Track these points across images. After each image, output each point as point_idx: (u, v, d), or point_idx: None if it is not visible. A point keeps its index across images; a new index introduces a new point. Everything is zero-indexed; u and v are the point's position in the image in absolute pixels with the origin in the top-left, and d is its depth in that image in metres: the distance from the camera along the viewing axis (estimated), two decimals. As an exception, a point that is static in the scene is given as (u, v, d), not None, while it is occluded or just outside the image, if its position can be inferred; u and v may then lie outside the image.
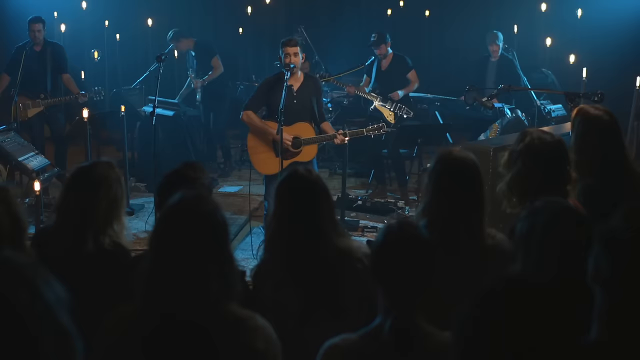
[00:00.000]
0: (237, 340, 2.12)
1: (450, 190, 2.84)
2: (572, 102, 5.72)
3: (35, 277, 1.43)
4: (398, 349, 2.11)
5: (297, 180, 2.81)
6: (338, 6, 11.83)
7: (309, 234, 2.75)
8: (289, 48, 6.06)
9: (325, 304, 2.75)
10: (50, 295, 1.42)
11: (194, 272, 2.11)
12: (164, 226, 2.19)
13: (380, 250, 2.20)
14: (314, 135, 6.10)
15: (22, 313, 1.37)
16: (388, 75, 8.40)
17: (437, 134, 7.91)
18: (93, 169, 2.99)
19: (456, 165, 2.87)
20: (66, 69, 8.35)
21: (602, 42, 9.83)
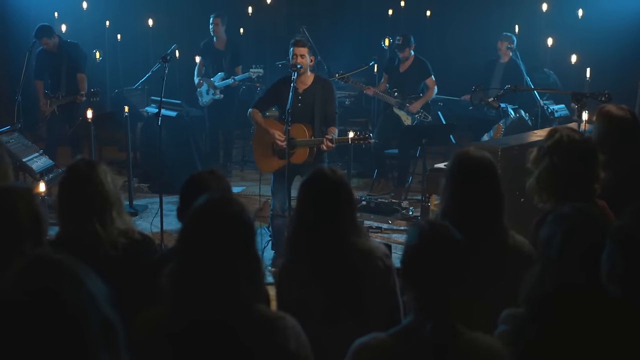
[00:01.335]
0: (270, 341, 2.13)
1: (469, 190, 2.85)
2: (579, 103, 5.74)
3: (77, 269, 1.43)
4: (435, 349, 2.10)
5: (321, 179, 2.82)
6: (339, 6, 11.82)
7: (330, 234, 2.76)
8: (297, 49, 6.08)
9: (348, 303, 2.76)
10: (93, 287, 1.42)
11: (223, 273, 2.11)
12: (192, 228, 2.18)
13: (413, 251, 2.20)
14: (307, 137, 6.07)
15: (69, 304, 1.37)
16: (406, 78, 8.44)
17: (441, 134, 7.92)
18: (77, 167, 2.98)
19: (474, 165, 2.87)
20: (81, 69, 8.47)
21: (603, 42, 9.83)
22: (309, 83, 6.13)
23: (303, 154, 6.04)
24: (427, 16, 11.49)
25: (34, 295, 1.38)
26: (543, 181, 3.15)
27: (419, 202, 7.64)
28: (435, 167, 6.10)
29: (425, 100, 8.42)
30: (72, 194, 2.92)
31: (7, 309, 1.38)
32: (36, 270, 1.43)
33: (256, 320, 2.13)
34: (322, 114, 6.06)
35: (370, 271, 2.78)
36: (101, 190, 2.91)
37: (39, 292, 1.38)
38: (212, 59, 9.19)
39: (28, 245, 2.25)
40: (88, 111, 7.08)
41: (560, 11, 10.59)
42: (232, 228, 2.14)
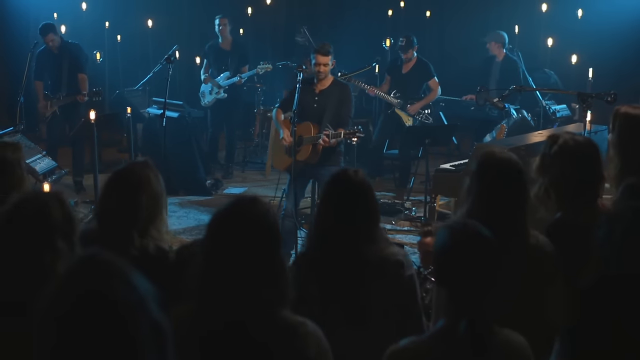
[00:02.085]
0: (290, 347, 2.12)
1: (496, 190, 2.83)
2: (584, 103, 5.74)
3: (127, 270, 1.43)
4: (474, 349, 2.10)
5: (343, 180, 2.82)
6: (338, 6, 11.83)
7: (345, 236, 2.75)
8: (321, 57, 6.09)
9: (345, 307, 2.75)
10: (143, 288, 1.42)
11: (249, 277, 2.10)
12: (217, 230, 2.18)
13: (446, 252, 2.20)
14: (311, 135, 6.13)
15: (120, 305, 1.37)
16: (408, 79, 8.45)
17: (444, 135, 7.93)
18: (132, 170, 2.98)
19: (501, 165, 2.86)
20: (82, 69, 8.46)
21: (603, 42, 9.85)
22: (326, 85, 6.19)
23: (306, 151, 6.13)
24: (426, 17, 11.49)
25: (85, 297, 1.38)
26: (553, 188, 3.12)
27: (421, 202, 7.65)
28: (441, 168, 6.10)
29: (426, 101, 8.43)
30: (114, 191, 2.91)
31: (59, 311, 1.37)
32: (87, 272, 1.43)
33: (278, 325, 2.12)
34: (333, 114, 6.10)
35: (381, 280, 2.76)
36: (152, 192, 2.93)
37: (90, 294, 1.38)
38: (217, 59, 9.17)
39: (60, 242, 2.25)
40: (91, 112, 7.05)
41: (560, 11, 10.61)
42: (258, 230, 2.14)
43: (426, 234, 3.79)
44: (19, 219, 2.26)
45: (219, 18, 9.10)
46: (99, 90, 8.34)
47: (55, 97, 8.31)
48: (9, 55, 10.62)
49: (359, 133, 5.88)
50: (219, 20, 9.08)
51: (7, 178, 3.10)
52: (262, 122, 10.28)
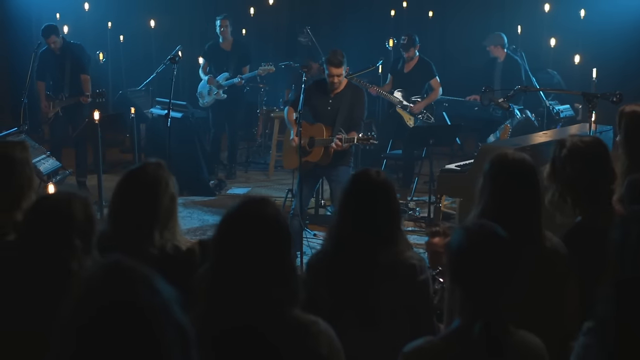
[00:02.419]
0: (302, 346, 2.12)
1: (510, 191, 2.83)
2: (590, 103, 5.73)
3: (148, 275, 1.43)
4: (489, 350, 2.10)
5: (364, 181, 2.81)
6: (341, 7, 11.82)
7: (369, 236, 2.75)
8: (334, 69, 6.10)
9: (356, 307, 2.75)
10: (167, 293, 1.42)
11: (260, 277, 2.10)
12: (228, 230, 2.17)
13: (462, 252, 2.19)
14: (323, 137, 6.16)
15: (145, 311, 1.36)
16: (410, 78, 8.44)
17: (448, 135, 7.92)
18: (146, 171, 2.97)
19: (515, 167, 2.86)
20: (85, 70, 8.46)
21: (606, 42, 9.85)
22: (340, 88, 6.22)
23: (318, 153, 6.16)
24: (429, 17, 11.49)
25: (110, 303, 1.37)
26: (567, 192, 3.10)
27: (425, 203, 7.64)
28: (446, 168, 6.10)
29: (428, 101, 8.42)
30: (128, 192, 2.91)
31: (82, 320, 1.37)
32: (110, 280, 1.42)
33: (289, 325, 2.12)
34: (346, 117, 6.14)
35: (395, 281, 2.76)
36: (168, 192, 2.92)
37: (114, 303, 1.38)
38: (218, 60, 9.15)
39: (78, 241, 2.25)
40: (95, 113, 7.05)
41: (562, 12, 10.60)
42: (268, 231, 2.14)
43: (434, 234, 3.80)
44: (41, 213, 2.28)
45: (220, 19, 9.08)
46: (102, 91, 8.35)
47: (57, 98, 8.31)
48: (11, 56, 10.61)
49: (372, 140, 5.91)
50: (220, 22, 9.06)
51: (16, 177, 3.09)
52: (265, 123, 10.28)
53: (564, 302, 2.88)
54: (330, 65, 6.06)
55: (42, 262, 2.23)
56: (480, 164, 5.55)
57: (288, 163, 6.74)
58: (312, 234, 6.86)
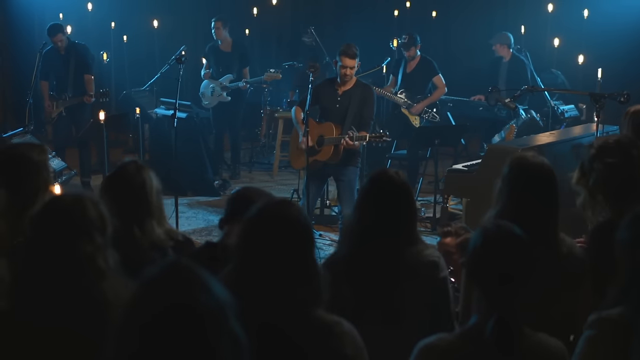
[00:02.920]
0: (326, 347, 2.13)
1: (528, 195, 2.84)
2: (597, 103, 5.73)
3: (206, 278, 1.43)
4: (501, 349, 2.10)
5: (384, 180, 2.82)
6: (344, 7, 11.82)
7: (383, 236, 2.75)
8: (348, 60, 6.07)
9: (381, 307, 2.75)
10: (222, 296, 1.42)
11: (284, 278, 2.11)
12: (251, 231, 2.18)
13: (479, 251, 2.20)
14: (333, 136, 6.15)
15: (204, 317, 1.37)
16: (412, 78, 8.43)
17: (453, 135, 7.92)
18: (125, 170, 3.02)
19: (534, 170, 2.88)
20: (89, 70, 8.45)
21: (610, 42, 9.85)
22: (350, 86, 6.21)
23: (327, 152, 6.15)
24: (432, 17, 11.49)
25: (170, 308, 1.38)
26: (599, 192, 3.11)
27: (430, 204, 7.64)
28: (453, 168, 6.10)
29: (430, 100, 8.39)
30: (117, 194, 2.92)
31: (143, 320, 1.37)
32: (172, 282, 1.43)
33: (313, 325, 2.13)
34: (356, 115, 6.13)
35: (416, 280, 2.77)
36: (146, 195, 2.95)
37: (174, 306, 1.38)
38: (218, 61, 9.13)
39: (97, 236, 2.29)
40: (100, 113, 7.06)
41: (565, 12, 10.61)
42: (292, 232, 2.14)
43: (446, 234, 3.81)
44: (56, 213, 2.28)
45: (214, 21, 9.05)
46: (106, 91, 8.34)
47: (61, 98, 8.30)
48: (14, 56, 10.60)
49: (385, 137, 5.91)
50: (213, 23, 9.04)
51: (33, 179, 3.08)
52: (269, 123, 10.28)
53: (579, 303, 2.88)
54: (345, 56, 6.04)
55: (62, 261, 2.22)
56: (488, 164, 5.59)
57: (296, 162, 6.73)
58: (318, 234, 6.86)
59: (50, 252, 2.22)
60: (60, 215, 2.29)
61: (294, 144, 6.61)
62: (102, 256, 2.27)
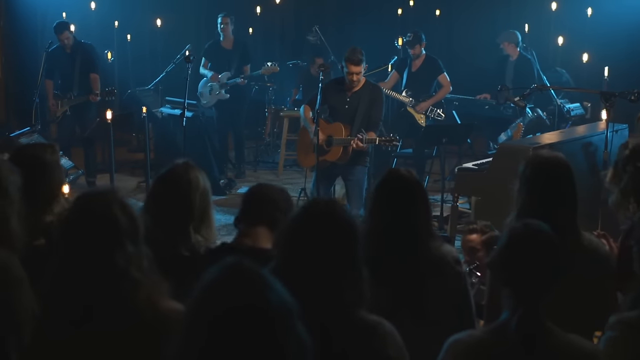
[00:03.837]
0: (369, 348, 2.12)
1: (546, 191, 2.84)
2: (608, 102, 5.74)
3: (271, 279, 1.42)
4: (525, 346, 2.10)
5: (397, 179, 2.82)
6: (347, 5, 11.81)
7: (402, 235, 2.75)
8: (353, 67, 6.07)
9: (410, 305, 2.74)
10: (288, 299, 1.41)
11: (331, 278, 2.09)
12: (298, 231, 2.16)
13: (507, 249, 2.20)
14: (342, 137, 6.14)
15: (274, 316, 1.36)
16: (417, 77, 8.41)
17: (461, 133, 7.91)
18: (176, 172, 2.97)
19: (551, 167, 2.88)
20: (95, 69, 8.45)
21: (613, 41, 9.85)
22: (359, 86, 6.20)
23: (336, 152, 6.14)
24: (436, 15, 11.48)
25: (238, 308, 1.37)
26: (632, 190, 3.13)
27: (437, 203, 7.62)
28: (463, 167, 6.09)
29: (435, 99, 8.38)
30: (161, 195, 2.91)
31: (211, 317, 1.37)
32: (239, 283, 1.42)
33: (357, 326, 2.12)
34: (365, 116, 6.13)
35: (440, 277, 2.78)
36: (188, 197, 2.92)
37: (244, 307, 1.38)
38: (219, 58, 9.11)
39: (128, 244, 2.22)
40: (107, 112, 7.04)
41: (569, 10, 10.61)
42: (341, 231, 2.13)
43: (471, 231, 3.88)
44: (86, 221, 2.23)
45: (222, 16, 9.03)
46: (112, 90, 8.34)
47: (65, 97, 8.30)
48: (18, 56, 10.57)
49: (395, 141, 5.91)
50: (221, 19, 9.02)
51: (46, 180, 3.06)
52: (273, 122, 10.27)
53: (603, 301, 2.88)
54: (350, 64, 6.04)
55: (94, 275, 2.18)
56: (499, 163, 5.58)
57: (304, 161, 6.75)
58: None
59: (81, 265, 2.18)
60: (91, 227, 2.20)
61: (302, 142, 6.61)
62: (136, 264, 2.20)
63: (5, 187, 2.64)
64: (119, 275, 2.15)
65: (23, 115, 9.45)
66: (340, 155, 6.09)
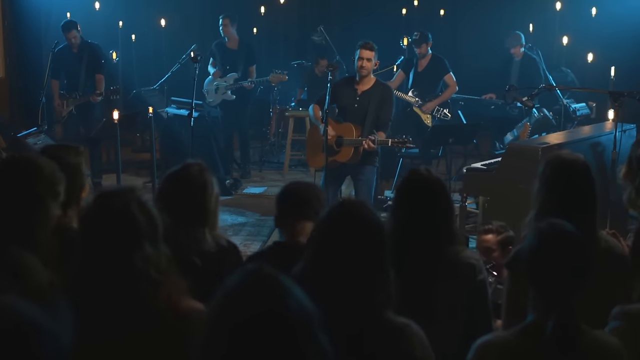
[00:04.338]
0: (397, 349, 2.12)
1: (566, 192, 2.84)
2: (617, 102, 5.74)
3: (292, 286, 1.42)
4: (560, 348, 2.10)
5: (418, 179, 2.81)
6: (352, 5, 11.80)
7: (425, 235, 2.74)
8: (364, 51, 6.03)
9: (418, 305, 2.73)
10: (309, 306, 1.41)
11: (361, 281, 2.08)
12: (328, 233, 2.15)
13: (539, 250, 2.19)
14: (353, 137, 6.11)
15: (295, 323, 1.35)
16: (424, 77, 8.41)
17: (468, 133, 7.91)
18: (191, 173, 2.96)
19: (571, 167, 2.88)
20: (100, 70, 8.45)
21: (617, 41, 9.85)
22: (369, 86, 6.15)
23: (347, 153, 6.10)
24: (440, 15, 11.48)
25: (259, 314, 1.37)
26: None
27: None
28: (472, 167, 6.08)
29: (441, 99, 8.38)
30: (175, 195, 2.90)
31: (232, 324, 1.36)
32: (260, 290, 1.41)
33: (385, 328, 2.12)
34: (375, 116, 6.08)
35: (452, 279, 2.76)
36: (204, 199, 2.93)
37: (265, 314, 1.37)
38: (224, 58, 9.11)
39: (147, 245, 2.20)
40: (114, 112, 7.04)
41: (573, 10, 10.62)
42: (371, 233, 2.12)
43: (487, 231, 3.89)
44: (105, 220, 2.21)
45: (222, 18, 9.04)
46: (116, 89, 8.34)
47: (71, 97, 8.30)
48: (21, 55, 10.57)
49: (409, 143, 5.90)
50: (221, 20, 9.03)
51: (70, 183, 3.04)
52: (278, 121, 10.26)
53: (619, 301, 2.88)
54: (362, 48, 6.01)
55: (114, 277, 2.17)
56: (508, 163, 5.58)
57: (313, 161, 6.69)
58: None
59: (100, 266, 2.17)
60: (110, 226, 2.20)
61: (312, 142, 6.56)
62: (155, 265, 2.19)
63: (58, 192, 2.66)
64: (138, 277, 2.14)
65: (27, 114, 9.45)
66: (351, 156, 6.06)
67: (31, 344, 1.40)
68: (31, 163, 2.67)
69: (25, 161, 2.69)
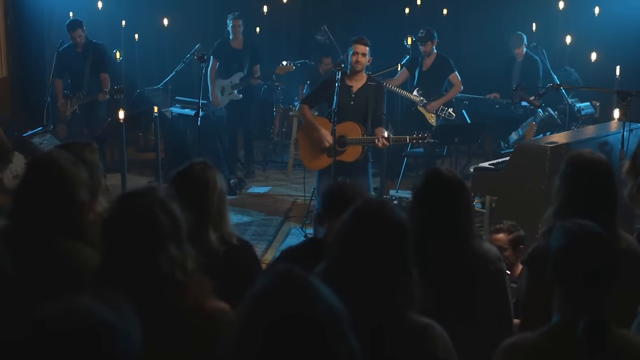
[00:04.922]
0: (420, 350, 2.11)
1: (587, 192, 2.84)
2: (624, 101, 5.74)
3: (321, 287, 1.42)
4: (592, 348, 2.08)
5: (440, 179, 2.81)
6: (355, 5, 11.79)
7: (446, 234, 2.74)
8: (359, 46, 6.01)
9: (459, 304, 2.73)
10: (339, 307, 1.41)
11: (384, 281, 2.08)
12: (350, 232, 2.14)
13: (564, 251, 2.18)
14: (359, 136, 6.09)
15: (324, 325, 1.35)
16: (428, 76, 8.40)
17: (473, 133, 7.91)
18: (194, 172, 2.97)
19: (592, 167, 2.87)
20: (105, 69, 8.44)
21: (621, 40, 9.85)
22: (362, 83, 6.13)
23: (355, 152, 6.06)
24: (443, 14, 11.48)
25: (291, 318, 1.37)
26: None
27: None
28: (479, 167, 6.07)
29: (446, 99, 8.37)
30: (178, 193, 2.89)
31: (266, 323, 1.36)
32: (289, 292, 1.41)
33: (408, 328, 2.11)
34: (373, 114, 6.06)
35: (483, 274, 2.78)
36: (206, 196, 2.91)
37: (296, 316, 1.38)
38: (229, 58, 9.09)
39: (171, 246, 2.19)
40: (120, 112, 7.02)
41: (576, 9, 10.62)
42: (394, 233, 2.12)
43: (498, 230, 3.89)
44: (129, 221, 2.20)
45: (233, 19, 8.99)
46: (120, 88, 8.32)
47: (75, 96, 8.29)
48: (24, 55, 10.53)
49: (429, 139, 5.88)
50: (232, 22, 8.99)
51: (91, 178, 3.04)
52: (282, 121, 10.25)
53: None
54: (357, 43, 6.01)
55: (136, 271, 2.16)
56: (516, 162, 5.58)
57: (312, 164, 6.40)
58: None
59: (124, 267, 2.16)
60: (133, 227, 2.19)
61: (306, 144, 6.38)
62: (180, 267, 2.18)
63: (86, 185, 2.76)
64: (164, 279, 2.13)
65: (30, 114, 9.43)
66: (359, 155, 6.04)
67: (104, 344, 1.42)
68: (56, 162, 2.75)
69: (50, 160, 2.76)
